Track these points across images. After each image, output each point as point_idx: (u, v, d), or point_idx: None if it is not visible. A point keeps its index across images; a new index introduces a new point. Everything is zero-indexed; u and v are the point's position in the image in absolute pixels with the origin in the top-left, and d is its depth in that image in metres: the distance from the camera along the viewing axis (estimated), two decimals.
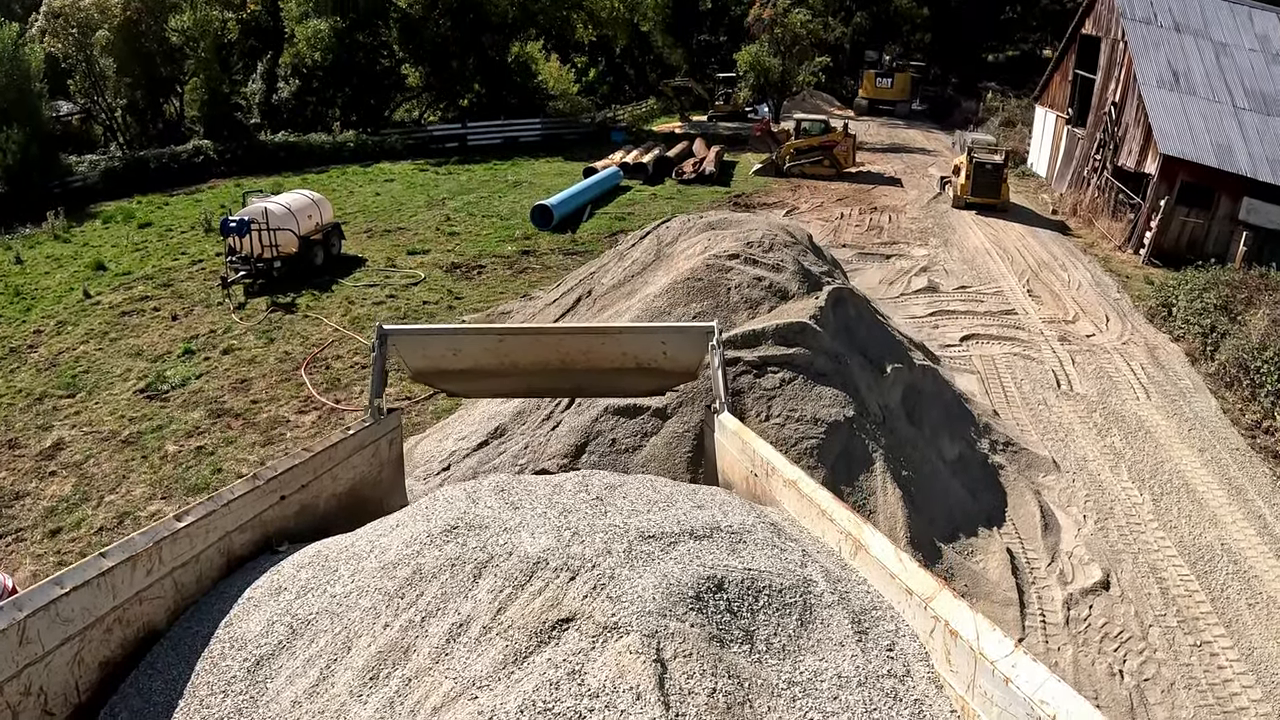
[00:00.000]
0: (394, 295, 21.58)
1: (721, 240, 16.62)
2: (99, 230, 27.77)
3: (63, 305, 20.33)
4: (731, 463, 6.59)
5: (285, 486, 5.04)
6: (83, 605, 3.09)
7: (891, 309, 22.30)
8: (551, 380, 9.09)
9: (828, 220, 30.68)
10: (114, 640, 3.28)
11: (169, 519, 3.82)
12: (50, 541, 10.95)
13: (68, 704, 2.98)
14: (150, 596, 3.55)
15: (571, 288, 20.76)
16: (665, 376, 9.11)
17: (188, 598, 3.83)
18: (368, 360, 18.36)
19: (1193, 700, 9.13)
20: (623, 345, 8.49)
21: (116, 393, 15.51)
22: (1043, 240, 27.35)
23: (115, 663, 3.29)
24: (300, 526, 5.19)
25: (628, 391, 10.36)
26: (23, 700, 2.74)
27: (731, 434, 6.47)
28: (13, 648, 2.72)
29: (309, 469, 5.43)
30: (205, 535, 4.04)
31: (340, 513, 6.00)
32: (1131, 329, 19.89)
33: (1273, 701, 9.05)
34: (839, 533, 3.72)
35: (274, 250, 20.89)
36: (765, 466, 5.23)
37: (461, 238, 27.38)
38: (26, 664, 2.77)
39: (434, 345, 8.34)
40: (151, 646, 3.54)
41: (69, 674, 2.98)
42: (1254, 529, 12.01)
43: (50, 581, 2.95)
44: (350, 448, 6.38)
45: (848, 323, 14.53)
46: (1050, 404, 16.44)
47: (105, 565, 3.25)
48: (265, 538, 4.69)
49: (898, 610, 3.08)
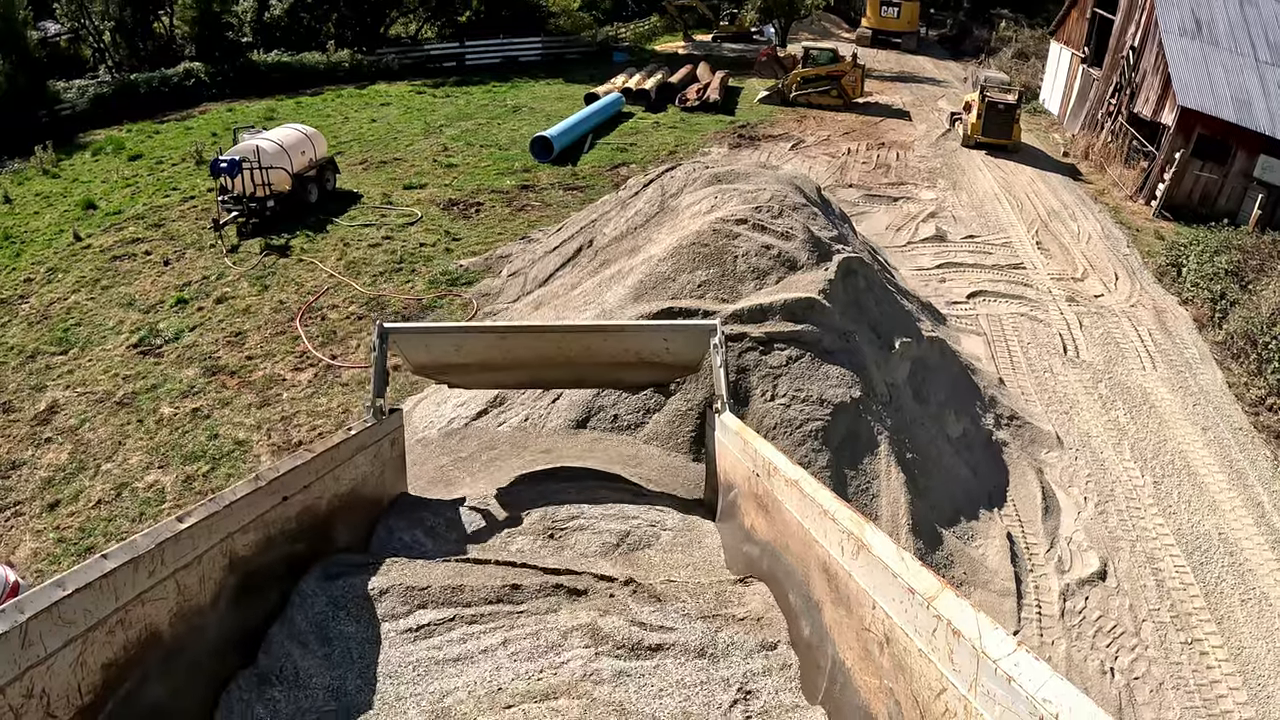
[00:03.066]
0: (390, 236, 21.21)
1: (729, 199, 16.26)
2: (88, 163, 27.15)
3: (53, 250, 20.00)
4: (733, 463, 6.59)
5: (287, 487, 5.01)
6: (85, 607, 3.09)
7: (899, 259, 22.05)
8: (554, 373, 9.16)
9: (834, 156, 30.06)
10: (116, 642, 3.28)
11: (171, 520, 3.76)
12: (49, 516, 10.96)
13: (70, 706, 2.98)
14: (153, 598, 3.55)
15: (572, 235, 20.43)
16: (667, 370, 9.10)
17: (190, 599, 3.84)
18: (363, 309, 18.22)
19: (1180, 701, 9.30)
20: (625, 342, 8.45)
21: (110, 348, 15.35)
22: (1053, 186, 26.87)
23: (118, 665, 3.28)
24: (302, 528, 5.19)
25: (630, 384, 10.38)
26: (25, 703, 2.75)
27: (733, 434, 6.44)
28: (15, 650, 2.73)
29: (311, 470, 5.41)
30: (208, 536, 4.02)
31: (342, 513, 6.02)
32: (1140, 289, 19.68)
33: (1258, 705, 9.23)
34: (841, 532, 3.67)
35: (267, 189, 20.43)
36: (767, 466, 5.23)
37: (459, 170, 26.83)
38: (29, 666, 2.78)
39: (436, 343, 8.28)
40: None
41: (71, 676, 2.99)
42: (1251, 518, 12.09)
43: (52, 584, 2.94)
44: (352, 448, 6.35)
45: (857, 296, 14.32)
46: (1056, 371, 16.36)
47: (107, 567, 3.24)
48: (268, 539, 4.69)
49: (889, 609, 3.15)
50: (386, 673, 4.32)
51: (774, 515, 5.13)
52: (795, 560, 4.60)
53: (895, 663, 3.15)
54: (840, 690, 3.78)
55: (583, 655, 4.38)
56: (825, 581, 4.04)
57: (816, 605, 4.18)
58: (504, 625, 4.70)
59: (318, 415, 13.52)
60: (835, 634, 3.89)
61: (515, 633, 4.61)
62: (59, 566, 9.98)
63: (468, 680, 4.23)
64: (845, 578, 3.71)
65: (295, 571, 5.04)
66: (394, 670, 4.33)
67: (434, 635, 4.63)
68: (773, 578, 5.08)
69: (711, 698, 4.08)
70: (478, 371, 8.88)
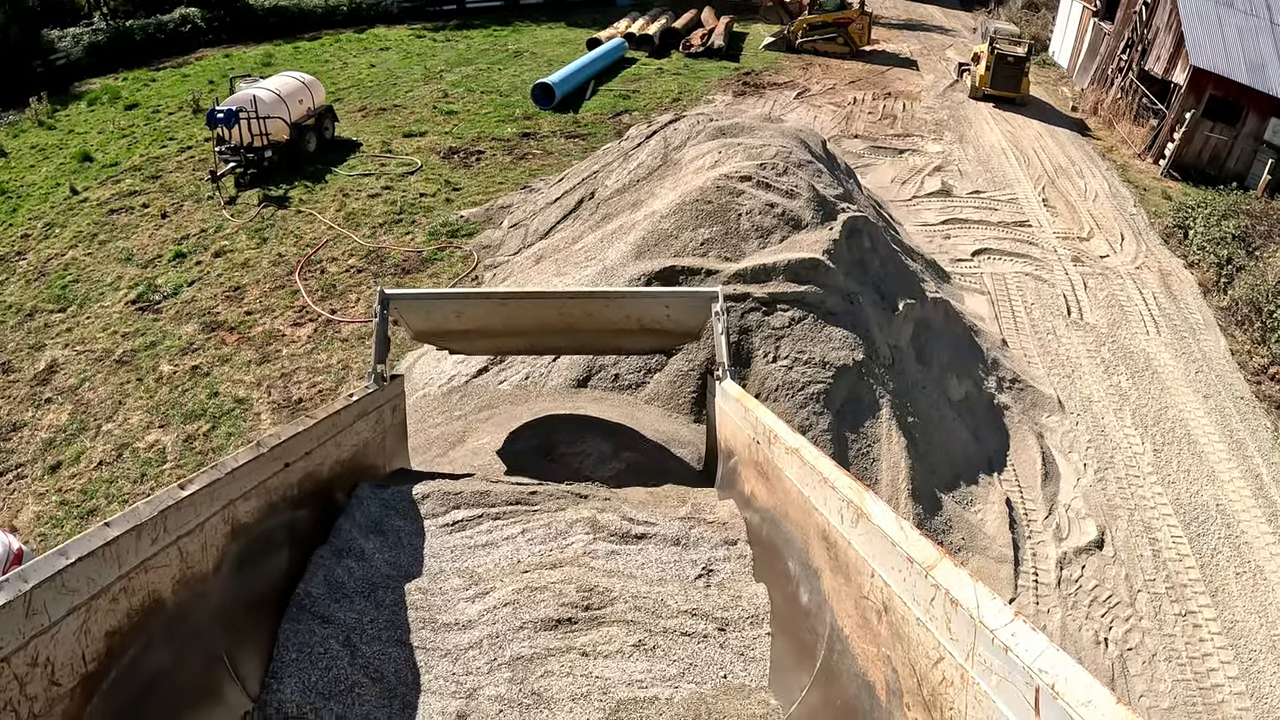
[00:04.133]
0: (389, 187, 20.94)
1: (733, 155, 16.02)
2: (84, 114, 26.64)
3: (49, 204, 19.69)
4: (733, 430, 6.62)
5: (289, 454, 5.04)
6: (88, 575, 3.10)
7: (903, 214, 21.84)
8: (555, 339, 9.19)
9: (839, 106, 29.59)
10: (120, 610, 3.29)
11: (173, 487, 3.75)
12: (51, 478, 10.92)
13: (74, 674, 2.99)
14: (155, 565, 3.57)
15: (574, 186, 20.18)
16: (668, 337, 9.09)
17: (193, 565, 3.87)
18: (363, 262, 18.04)
19: (1171, 674, 9.40)
20: (626, 308, 8.41)
21: (108, 305, 15.19)
22: (1061, 141, 26.50)
23: (122, 632, 3.29)
24: (304, 494, 5.25)
25: (631, 350, 10.34)
26: (30, 671, 2.76)
27: (734, 401, 6.47)
28: (19, 619, 2.74)
29: (313, 436, 5.46)
30: (210, 503, 4.04)
31: (344, 479, 6.06)
32: (1146, 251, 19.51)
33: (1248, 680, 9.32)
34: (841, 500, 3.72)
35: (264, 139, 20.07)
36: (768, 434, 5.29)
37: (460, 117, 26.42)
38: (33, 635, 2.79)
39: (436, 309, 8.26)
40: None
41: (75, 644, 3.00)
42: (1250, 490, 12.12)
43: (56, 552, 2.94)
44: (354, 414, 6.38)
45: (862, 256, 14.17)
46: (1059, 334, 16.29)
47: (110, 535, 3.24)
48: (270, 505, 4.75)
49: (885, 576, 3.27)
50: (430, 554, 5.46)
51: (774, 483, 5.18)
52: (795, 528, 4.64)
53: (893, 631, 3.17)
54: (838, 657, 3.81)
55: (583, 540, 5.51)
56: (824, 549, 4.06)
57: (815, 572, 4.21)
58: (522, 520, 5.83)
59: (318, 372, 13.46)
60: (834, 601, 3.92)
61: (531, 524, 5.74)
62: (61, 530, 10.00)
63: (494, 557, 5.41)
64: (844, 546, 3.74)
65: (297, 538, 5.09)
66: (436, 552, 5.48)
67: (466, 529, 5.77)
68: (772, 544, 5.13)
69: (682, 571, 5.27)
70: (479, 337, 8.93)
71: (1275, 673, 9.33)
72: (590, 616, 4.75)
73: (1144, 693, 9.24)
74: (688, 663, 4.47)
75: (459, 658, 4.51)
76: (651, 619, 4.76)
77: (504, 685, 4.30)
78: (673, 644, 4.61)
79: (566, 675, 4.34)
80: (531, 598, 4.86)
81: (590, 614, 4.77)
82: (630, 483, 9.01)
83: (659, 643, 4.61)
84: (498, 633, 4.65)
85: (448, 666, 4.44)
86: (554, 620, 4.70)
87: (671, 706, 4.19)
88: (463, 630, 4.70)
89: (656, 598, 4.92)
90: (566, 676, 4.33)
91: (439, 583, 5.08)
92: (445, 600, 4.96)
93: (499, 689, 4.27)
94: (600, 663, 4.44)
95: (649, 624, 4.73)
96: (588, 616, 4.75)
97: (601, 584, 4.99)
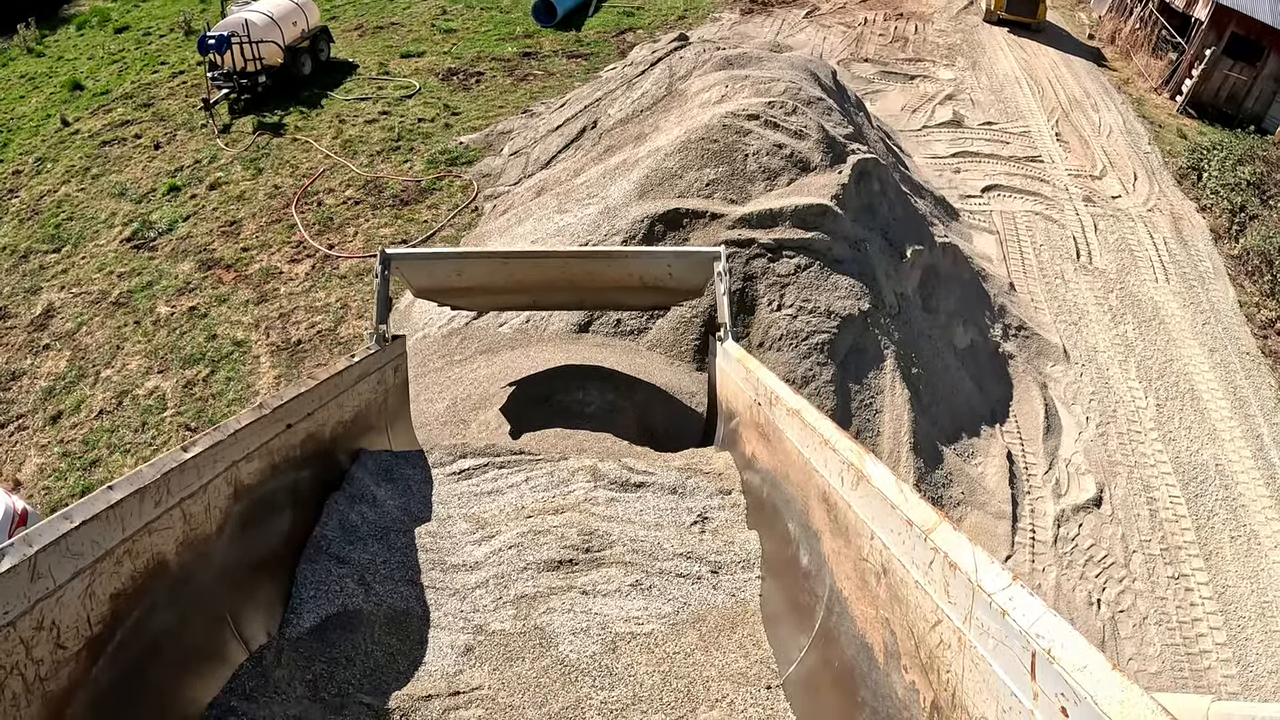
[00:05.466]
0: (387, 112, 20.38)
1: (740, 90, 15.55)
2: (74, 39, 25.68)
3: (40, 137, 19.11)
4: (734, 391, 6.65)
5: (291, 415, 5.04)
6: (92, 538, 3.11)
7: (913, 145, 21.38)
8: (557, 296, 9.19)
9: (849, 27, 28.71)
10: (124, 572, 3.31)
11: (176, 450, 3.76)
12: (52, 429, 10.84)
13: (79, 637, 3.02)
14: (159, 528, 3.58)
15: (575, 114, 19.68)
16: (671, 294, 9.11)
17: (196, 527, 3.90)
18: (361, 193, 17.67)
19: (1160, 638, 9.54)
20: (629, 266, 8.36)
21: (103, 243, 14.86)
22: (1076, 72, 25.76)
23: (126, 595, 3.31)
24: (306, 455, 5.28)
25: (633, 307, 10.28)
26: (35, 635, 2.79)
27: (735, 362, 6.48)
28: (24, 583, 2.75)
29: (315, 397, 5.46)
30: (212, 465, 4.05)
31: (346, 440, 6.10)
32: (1159, 192, 19.14)
33: (1235, 646, 9.46)
34: (841, 462, 3.73)
35: (258, 63, 19.41)
36: (769, 395, 5.30)
37: (459, 35, 25.60)
38: (38, 599, 2.80)
39: (438, 268, 8.25)
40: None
41: (80, 607, 3.02)
42: (1250, 450, 12.12)
43: (60, 516, 2.95)
44: (355, 375, 6.39)
45: (870, 200, 13.88)
46: (1068, 278, 16.10)
47: (114, 498, 3.25)
48: (272, 466, 4.77)
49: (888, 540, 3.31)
50: (438, 500, 5.73)
51: (775, 444, 5.19)
52: (795, 489, 4.66)
53: (892, 593, 3.18)
54: (837, 619, 3.83)
55: (585, 487, 5.75)
56: (824, 511, 4.07)
57: (815, 534, 4.22)
58: (525, 468, 6.07)
59: (316, 311, 13.29)
60: (833, 563, 3.93)
61: (534, 473, 5.99)
62: (65, 482, 9.98)
63: (499, 504, 5.67)
64: (844, 508, 3.74)
65: (299, 500, 5.15)
66: (444, 499, 5.75)
67: (472, 477, 6.04)
68: (772, 506, 5.17)
69: (678, 518, 5.55)
70: (480, 294, 8.99)
71: (1262, 640, 9.47)
72: (590, 558, 5.09)
73: (1133, 655, 9.40)
74: (681, 601, 4.77)
75: (466, 596, 4.82)
76: (648, 561, 5.08)
77: (509, 621, 4.61)
78: (668, 584, 4.91)
79: (568, 612, 4.64)
80: (535, 540, 5.18)
81: (590, 556, 5.11)
82: (632, 430, 9.06)
83: (655, 583, 4.91)
84: (503, 573, 4.96)
85: (456, 604, 4.75)
86: (556, 561, 5.03)
87: (665, 640, 4.47)
88: (470, 571, 5.02)
89: (653, 541, 5.24)
90: (568, 613, 4.63)
91: (447, 527, 5.40)
92: (453, 543, 5.27)
93: (504, 624, 4.58)
94: (599, 600, 4.75)
95: (646, 565, 5.03)
96: (588, 558, 5.09)
97: (601, 528, 5.30)
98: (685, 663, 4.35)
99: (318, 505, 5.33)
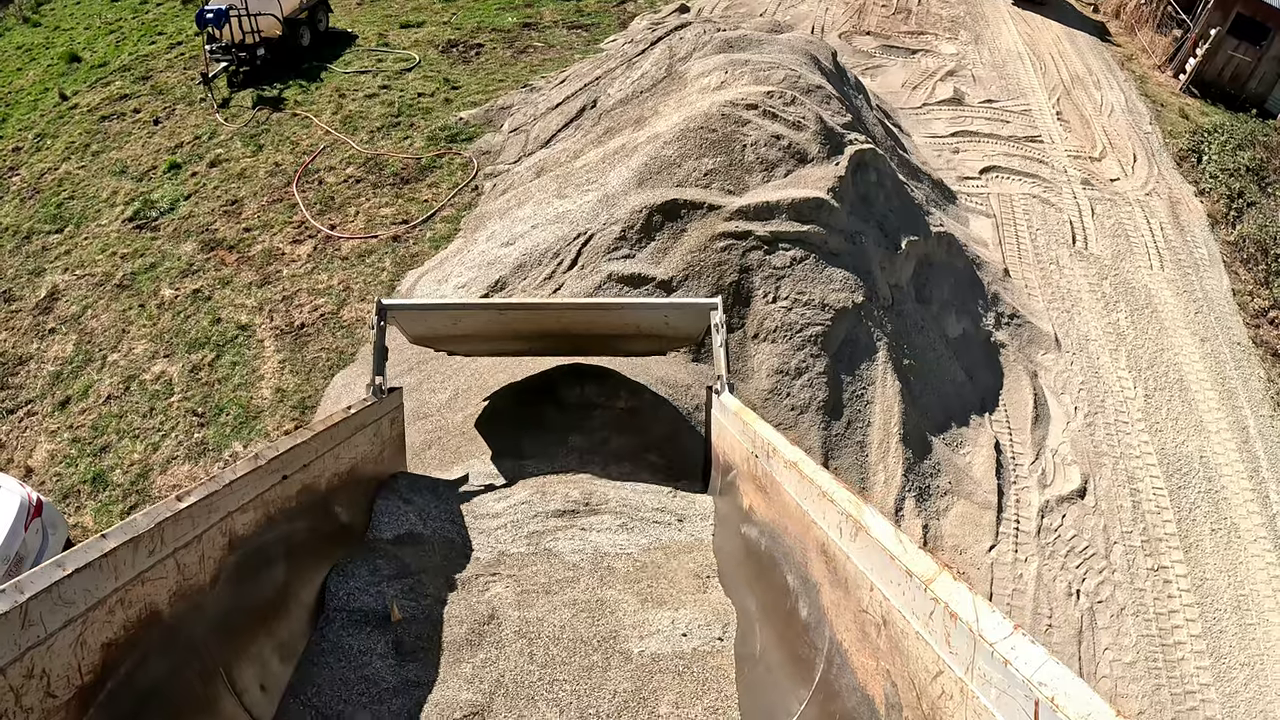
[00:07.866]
0: (387, 86, 20.32)
1: (739, 76, 15.56)
2: (69, 7, 25.43)
3: (39, 112, 19.07)
4: (732, 443, 6.67)
5: (287, 466, 5.03)
6: (85, 587, 3.10)
7: (912, 123, 21.35)
8: (553, 344, 9.23)
9: None
10: (116, 621, 3.31)
11: (170, 499, 3.73)
12: (61, 415, 11.03)
13: (70, 686, 3.01)
14: (152, 577, 3.58)
15: (575, 91, 19.66)
16: (667, 342, 9.40)
17: (190, 578, 3.91)
18: (361, 171, 17.72)
19: (1137, 629, 9.83)
20: (625, 316, 8.47)
21: (105, 224, 14.94)
22: (1080, 47, 25.59)
23: (118, 645, 3.32)
24: (301, 506, 5.27)
25: (628, 352, 10.32)
26: (25, 683, 2.78)
27: (732, 415, 6.49)
28: (15, 631, 2.75)
29: (311, 449, 5.40)
30: (207, 515, 4.05)
31: (341, 492, 6.06)
32: (1158, 175, 19.17)
33: (1209, 639, 9.75)
34: (839, 514, 3.78)
35: (256, 36, 19.33)
36: (766, 447, 5.30)
37: (458, 4, 25.39)
38: (29, 647, 2.80)
39: (434, 318, 8.22)
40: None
41: (72, 656, 3.02)
42: (1235, 443, 12.34)
43: (52, 564, 2.96)
44: (352, 427, 6.34)
45: (867, 191, 13.97)
46: (1063, 264, 16.22)
47: (107, 547, 3.24)
48: (268, 518, 4.78)
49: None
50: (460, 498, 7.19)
51: (772, 496, 5.19)
52: (794, 541, 4.67)
53: (892, 644, 3.19)
54: (837, 671, 3.85)
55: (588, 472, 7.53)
56: (823, 563, 4.09)
57: (814, 586, 4.25)
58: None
59: (319, 294, 13.45)
60: (833, 615, 3.95)
61: (543, 467, 7.72)
62: (76, 469, 10.19)
63: (513, 488, 7.27)
64: (843, 559, 3.76)
65: (293, 551, 5.12)
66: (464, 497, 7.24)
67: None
68: (770, 558, 5.15)
69: (659, 488, 7.30)
70: (477, 342, 9.12)
71: (1236, 633, 9.77)
72: (589, 509, 6.69)
73: (1109, 645, 9.70)
74: (655, 537, 6.42)
75: (491, 534, 6.41)
76: (633, 512, 6.75)
77: (524, 545, 6.21)
78: (646, 527, 6.55)
79: (570, 541, 6.23)
80: (544, 498, 6.79)
81: (589, 508, 6.71)
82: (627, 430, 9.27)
83: (636, 526, 6.53)
84: (518, 519, 6.54)
85: (485, 539, 6.35)
86: (561, 511, 6.64)
87: (639, 557, 6.04)
88: (493, 519, 6.62)
89: (638, 501, 6.96)
90: (570, 541, 6.22)
91: (473, 499, 7.11)
92: (480, 501, 7.00)
93: (520, 548, 6.18)
94: (594, 535, 6.33)
95: (631, 514, 6.70)
96: (587, 509, 6.69)
97: (599, 490, 7.00)
98: (652, 566, 5.93)
99: (312, 558, 5.34)
